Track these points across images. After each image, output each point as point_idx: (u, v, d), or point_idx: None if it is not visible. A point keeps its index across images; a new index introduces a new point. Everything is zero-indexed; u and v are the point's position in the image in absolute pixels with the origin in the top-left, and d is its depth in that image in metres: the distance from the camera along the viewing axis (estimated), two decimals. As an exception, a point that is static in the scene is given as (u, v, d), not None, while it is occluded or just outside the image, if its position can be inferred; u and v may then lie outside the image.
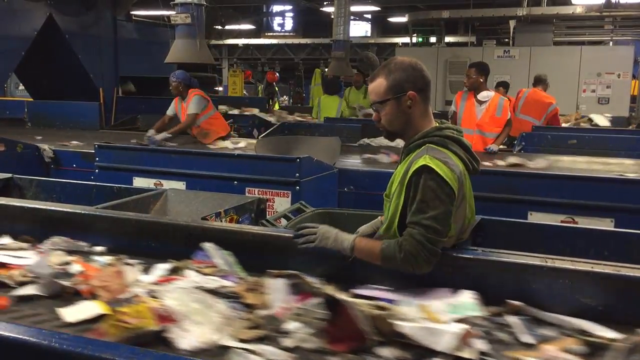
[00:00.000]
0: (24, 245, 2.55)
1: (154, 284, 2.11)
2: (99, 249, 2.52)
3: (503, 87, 8.58)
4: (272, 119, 9.06)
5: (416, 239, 1.96)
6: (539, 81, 7.86)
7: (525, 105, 7.62)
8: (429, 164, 2.02)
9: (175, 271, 2.26)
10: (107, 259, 2.37)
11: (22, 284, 2.13)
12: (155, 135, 5.84)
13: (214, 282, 2.12)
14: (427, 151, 2.08)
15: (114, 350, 1.43)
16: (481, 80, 5.56)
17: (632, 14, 12.68)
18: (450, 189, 2.01)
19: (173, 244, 2.46)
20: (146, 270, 2.26)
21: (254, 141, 5.80)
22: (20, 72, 10.50)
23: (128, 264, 2.27)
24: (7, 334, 1.52)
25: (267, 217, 3.23)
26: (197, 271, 2.22)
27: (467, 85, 5.65)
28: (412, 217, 2.02)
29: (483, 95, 5.57)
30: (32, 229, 2.65)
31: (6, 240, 2.62)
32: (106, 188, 3.58)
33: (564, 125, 8.19)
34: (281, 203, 4.20)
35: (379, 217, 2.41)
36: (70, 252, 2.46)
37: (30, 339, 1.49)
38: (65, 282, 2.10)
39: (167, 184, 4.44)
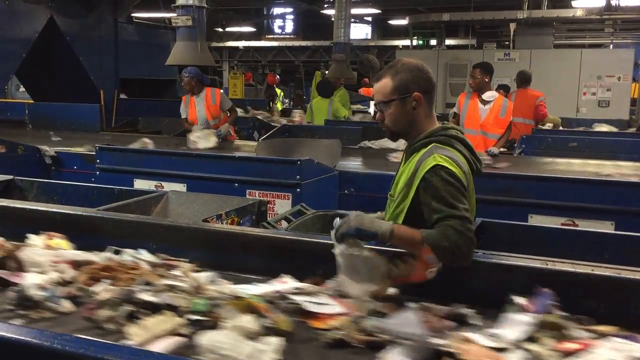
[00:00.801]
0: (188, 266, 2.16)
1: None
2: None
3: (504, 90, 8.57)
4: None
5: (458, 230, 1.90)
6: (525, 80, 7.87)
7: (515, 109, 7.65)
8: (440, 162, 2.03)
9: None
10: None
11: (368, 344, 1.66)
12: (219, 130, 6.01)
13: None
14: (435, 150, 2.09)
15: (116, 351, 1.43)
16: (486, 80, 5.59)
17: (633, 17, 12.67)
18: (463, 184, 2.03)
19: (174, 246, 2.46)
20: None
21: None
22: (21, 74, 10.53)
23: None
24: (9, 335, 1.52)
25: (268, 219, 3.24)
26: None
27: (472, 86, 5.68)
28: (441, 213, 1.96)
29: (488, 95, 5.59)
30: (33, 232, 2.65)
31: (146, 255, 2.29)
32: (107, 190, 3.59)
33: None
34: (282, 205, 4.20)
35: (379, 213, 2.41)
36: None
37: (32, 340, 1.49)
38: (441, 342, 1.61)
39: (168, 186, 4.44)
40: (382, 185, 2.47)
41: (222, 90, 6.30)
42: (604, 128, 8.39)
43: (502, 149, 5.67)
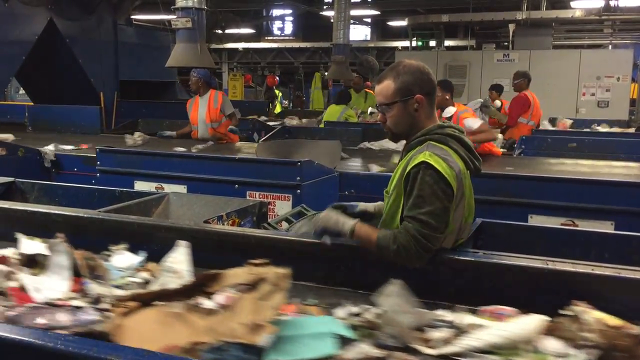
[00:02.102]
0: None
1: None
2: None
3: (496, 90, 8.52)
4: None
5: (410, 234, 1.99)
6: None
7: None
8: (428, 160, 2.04)
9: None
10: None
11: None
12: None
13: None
14: (427, 148, 2.10)
15: (119, 352, 1.44)
16: (447, 97, 5.41)
17: (632, 17, 12.71)
18: (448, 186, 2.03)
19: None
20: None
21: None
22: (21, 77, 10.53)
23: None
24: (12, 335, 1.53)
25: (269, 220, 3.24)
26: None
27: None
28: (408, 212, 2.04)
29: (448, 111, 5.37)
30: (34, 233, 2.65)
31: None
32: (108, 192, 3.59)
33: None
34: (282, 206, 4.20)
35: (379, 203, 2.43)
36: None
37: (36, 341, 1.50)
38: None
39: (168, 188, 4.44)
40: (382, 187, 2.48)
41: (225, 95, 6.29)
42: (615, 129, 8.41)
43: (502, 150, 5.67)
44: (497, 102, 8.21)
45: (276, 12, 21.65)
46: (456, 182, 2.05)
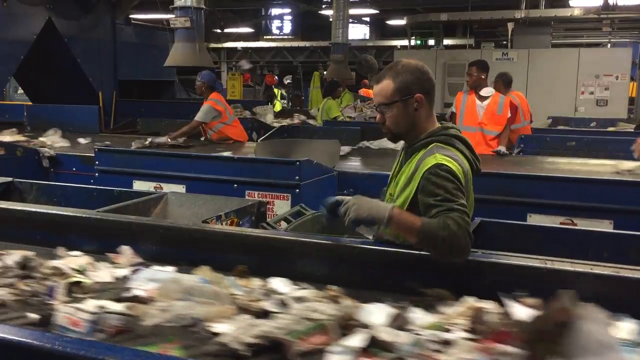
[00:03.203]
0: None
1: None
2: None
3: (503, 80, 8.26)
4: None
5: (457, 222, 1.89)
6: (505, 82, 7.81)
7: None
8: (441, 162, 2.05)
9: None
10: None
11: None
12: (155, 139, 5.91)
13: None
14: (436, 150, 2.11)
15: (117, 352, 1.44)
16: (482, 77, 5.68)
17: (630, 16, 12.69)
18: (462, 184, 2.05)
19: (174, 248, 2.47)
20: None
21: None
22: (19, 76, 10.53)
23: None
24: (10, 336, 1.53)
25: (268, 219, 3.24)
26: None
27: (469, 84, 5.75)
28: (440, 207, 1.96)
29: (485, 91, 5.70)
30: (33, 234, 2.65)
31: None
32: (107, 191, 3.59)
33: None
34: (281, 206, 4.20)
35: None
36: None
37: (34, 342, 1.50)
38: None
39: (167, 187, 4.44)
40: (380, 186, 2.48)
41: (207, 105, 6.19)
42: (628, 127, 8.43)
43: (501, 149, 5.69)
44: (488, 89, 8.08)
45: (275, 11, 21.63)
46: (464, 181, 2.07)
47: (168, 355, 1.51)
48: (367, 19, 19.97)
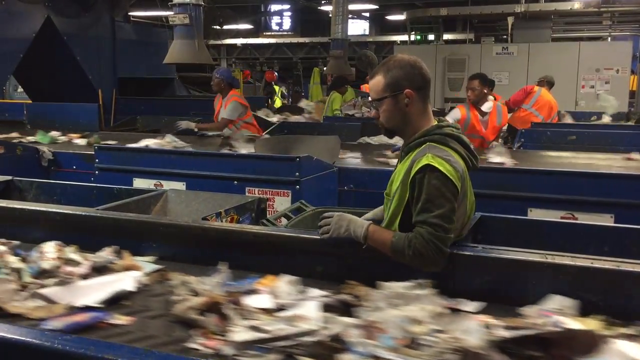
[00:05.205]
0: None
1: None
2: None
3: (547, 82, 8.24)
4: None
5: (425, 238, 1.96)
6: (548, 83, 8.04)
7: (539, 102, 7.70)
8: (432, 163, 2.02)
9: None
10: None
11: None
12: (181, 124, 6.16)
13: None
14: (429, 150, 2.08)
15: (116, 351, 1.44)
16: (485, 91, 5.36)
17: (630, 9, 12.66)
18: (454, 186, 2.03)
19: (175, 245, 2.47)
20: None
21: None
22: (19, 75, 10.53)
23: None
24: (9, 335, 1.52)
25: (268, 216, 3.24)
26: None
27: (471, 98, 5.38)
28: (418, 217, 2.02)
29: (486, 106, 5.41)
30: (33, 232, 2.65)
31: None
32: (107, 189, 3.58)
33: None
34: (281, 202, 4.20)
35: (381, 207, 2.42)
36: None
37: (33, 340, 1.50)
38: None
39: (167, 185, 4.43)
40: (381, 182, 2.47)
41: (234, 101, 6.15)
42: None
43: (497, 143, 5.70)
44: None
45: (274, 7, 21.56)
46: (459, 182, 2.05)
47: (167, 354, 1.51)
48: (367, 14, 19.91)
